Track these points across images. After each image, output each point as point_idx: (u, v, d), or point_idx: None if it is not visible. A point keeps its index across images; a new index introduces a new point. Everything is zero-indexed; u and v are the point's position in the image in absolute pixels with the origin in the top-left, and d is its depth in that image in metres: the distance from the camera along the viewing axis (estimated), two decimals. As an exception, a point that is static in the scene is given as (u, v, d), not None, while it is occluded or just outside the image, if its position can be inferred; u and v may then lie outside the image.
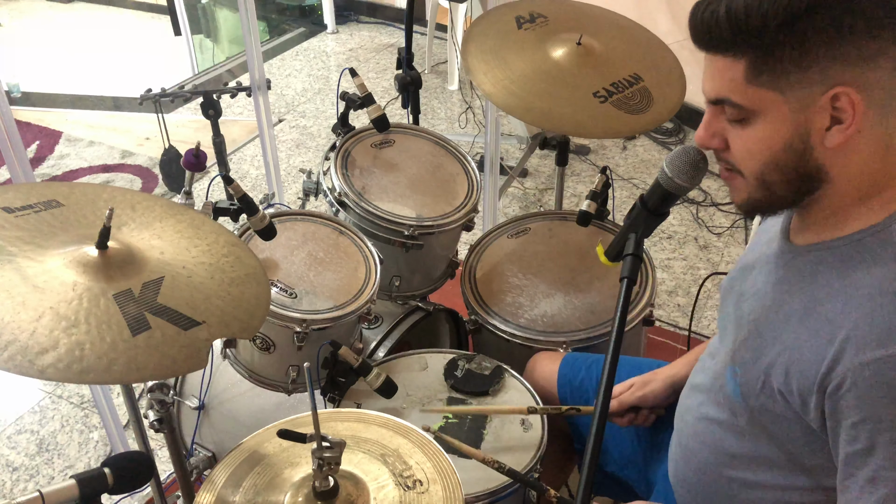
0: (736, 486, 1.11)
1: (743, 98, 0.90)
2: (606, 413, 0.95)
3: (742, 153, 0.95)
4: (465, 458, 1.34)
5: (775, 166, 0.92)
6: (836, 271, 0.93)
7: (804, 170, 0.92)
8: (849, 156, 0.90)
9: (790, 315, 0.97)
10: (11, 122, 1.60)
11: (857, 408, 0.87)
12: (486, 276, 1.84)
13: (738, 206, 1.01)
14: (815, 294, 0.94)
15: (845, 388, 0.88)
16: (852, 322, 0.88)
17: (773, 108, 0.89)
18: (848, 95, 0.85)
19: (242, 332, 1.14)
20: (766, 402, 1.01)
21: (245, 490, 1.07)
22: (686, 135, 3.67)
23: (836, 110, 0.87)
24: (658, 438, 1.42)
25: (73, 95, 4.23)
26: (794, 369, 0.94)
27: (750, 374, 1.02)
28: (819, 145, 0.89)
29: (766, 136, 0.91)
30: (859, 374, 0.86)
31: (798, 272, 0.99)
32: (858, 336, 0.87)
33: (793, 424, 0.98)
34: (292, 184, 3.38)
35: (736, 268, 1.16)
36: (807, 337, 0.93)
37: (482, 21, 1.85)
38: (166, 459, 1.72)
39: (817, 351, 0.91)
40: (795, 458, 1.02)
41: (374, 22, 5.05)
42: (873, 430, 0.86)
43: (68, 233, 1.12)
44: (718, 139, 0.96)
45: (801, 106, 0.88)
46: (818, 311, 0.93)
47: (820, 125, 0.88)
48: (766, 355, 0.99)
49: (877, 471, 0.87)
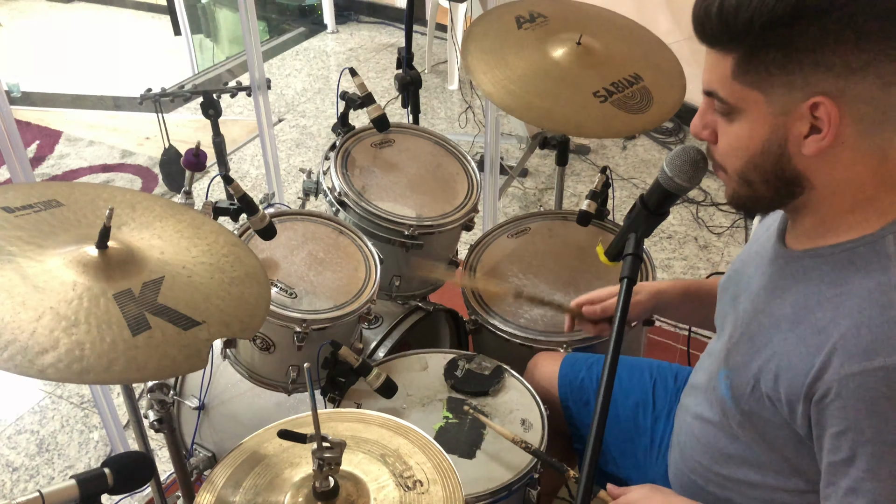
0: (732, 485, 1.12)
1: (729, 93, 0.91)
2: (606, 413, 0.95)
3: (725, 149, 0.96)
4: (467, 459, 1.35)
5: (754, 166, 0.93)
6: (827, 279, 0.93)
7: (782, 174, 0.92)
8: (831, 165, 0.90)
9: (780, 320, 0.97)
10: (11, 122, 1.60)
11: (841, 418, 0.88)
12: (486, 276, 1.84)
13: (728, 201, 1.02)
14: (806, 301, 0.94)
15: (830, 398, 0.88)
16: (840, 332, 0.88)
17: (755, 107, 0.90)
18: (825, 106, 0.85)
19: (242, 332, 1.14)
20: (755, 407, 1.01)
21: (245, 490, 1.07)
22: (686, 135, 3.67)
23: (815, 119, 0.87)
24: (658, 438, 1.42)
25: (73, 95, 4.23)
26: (783, 376, 0.94)
27: (740, 378, 1.02)
28: (797, 152, 0.90)
29: (746, 135, 0.92)
30: (844, 385, 0.86)
31: (790, 277, 0.99)
32: (846, 347, 0.87)
33: (782, 429, 0.99)
34: (292, 184, 3.38)
35: (733, 266, 1.17)
36: (796, 343, 0.93)
37: (482, 21, 1.85)
38: (166, 459, 1.72)
39: (806, 359, 0.91)
40: (788, 460, 1.02)
41: (374, 22, 5.05)
42: (855, 441, 0.87)
43: (68, 233, 1.12)
44: (709, 131, 0.97)
45: (782, 110, 0.88)
46: (808, 318, 0.93)
47: (798, 132, 0.88)
48: (756, 360, 0.99)
49: (857, 481, 0.88)
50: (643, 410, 1.46)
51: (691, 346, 1.95)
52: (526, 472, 1.32)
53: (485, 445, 1.38)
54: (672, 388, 1.47)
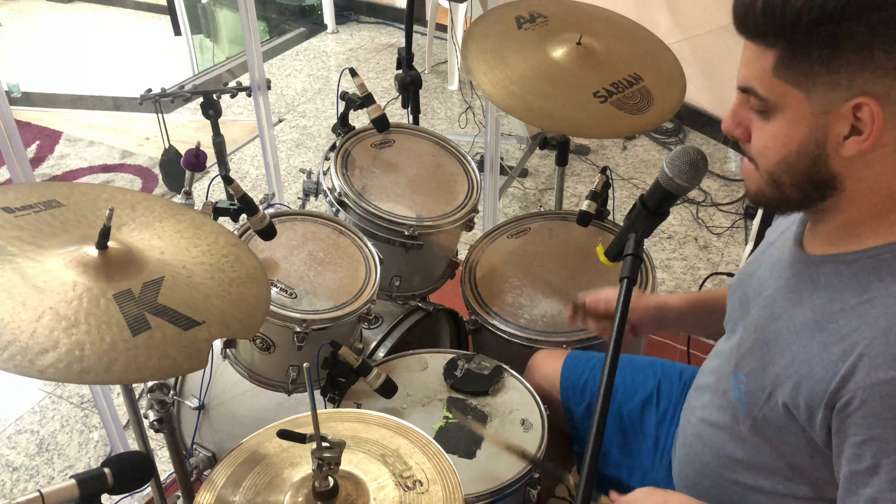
0: (737, 489, 1.11)
1: (768, 90, 0.88)
2: (606, 413, 0.95)
3: (759, 147, 0.93)
4: (467, 459, 1.35)
5: (787, 166, 0.90)
6: (851, 286, 0.91)
7: (816, 175, 0.90)
8: (866, 168, 0.88)
9: (801, 328, 0.95)
10: (11, 122, 1.60)
11: (865, 426, 0.86)
12: (486, 276, 1.84)
13: (749, 197, 0.99)
14: (828, 308, 0.92)
15: (854, 406, 0.86)
16: (867, 340, 0.86)
17: (795, 105, 0.87)
18: (870, 107, 0.83)
19: (242, 332, 1.13)
20: (769, 413, 0.99)
21: (245, 490, 1.07)
22: (686, 135, 3.67)
23: (857, 120, 0.84)
24: (662, 439, 1.41)
25: (73, 95, 4.22)
26: (804, 384, 0.93)
27: (756, 384, 1.01)
28: (834, 153, 0.87)
29: (783, 134, 0.89)
30: (870, 394, 0.85)
31: (810, 283, 0.97)
32: (872, 355, 0.85)
33: (795, 437, 0.97)
34: (292, 184, 3.38)
35: (744, 268, 1.15)
36: (817, 351, 0.92)
37: (482, 21, 1.85)
38: (166, 459, 1.72)
39: (828, 367, 0.89)
40: (797, 468, 1.01)
41: (374, 22, 5.05)
42: (879, 451, 0.85)
43: (68, 233, 1.12)
44: (742, 129, 0.95)
45: (823, 109, 0.86)
46: (831, 326, 0.91)
47: (838, 132, 0.86)
48: (774, 366, 0.98)
49: (880, 491, 0.86)
50: (648, 410, 1.44)
51: (691, 346, 1.96)
52: (526, 471, 1.32)
53: (485, 445, 1.38)
54: (677, 387, 1.45)
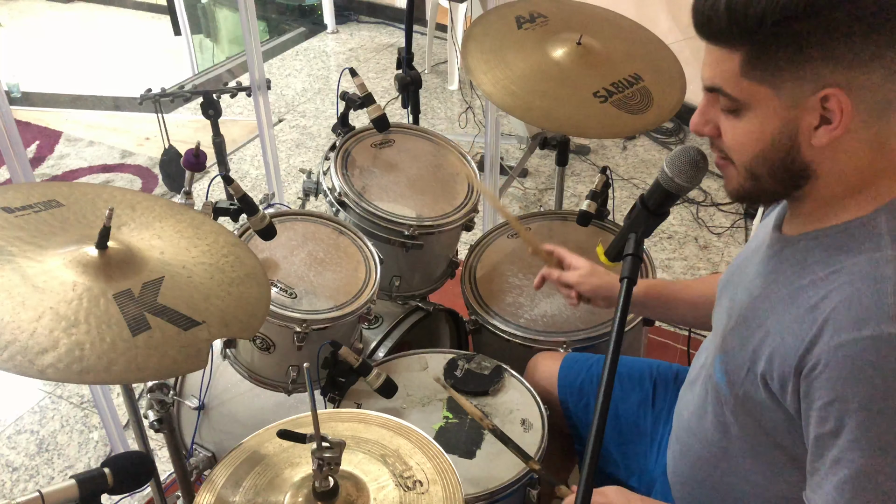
0: (729, 479, 1.12)
1: (736, 90, 0.91)
2: (606, 413, 0.95)
3: (732, 144, 0.96)
4: (467, 459, 1.35)
5: (763, 160, 0.93)
6: (821, 259, 0.94)
7: (791, 165, 0.92)
8: (836, 154, 0.91)
9: (776, 303, 0.98)
10: (11, 122, 1.60)
11: (829, 389, 0.87)
12: (486, 276, 1.84)
13: (729, 194, 1.02)
14: (801, 282, 0.95)
15: (819, 370, 0.88)
16: (832, 306, 0.88)
17: (765, 102, 0.90)
18: (837, 97, 0.86)
19: (242, 332, 1.14)
20: (749, 389, 1.01)
21: (245, 490, 1.07)
22: (686, 135, 3.67)
23: (825, 110, 0.87)
24: (658, 438, 1.42)
25: (73, 95, 4.22)
26: (777, 354, 0.95)
27: (736, 361, 1.03)
28: (806, 143, 0.90)
29: (755, 130, 0.92)
30: (833, 356, 0.86)
31: (786, 261, 0.99)
32: (836, 319, 0.87)
33: (775, 412, 0.99)
34: (292, 184, 3.38)
35: (731, 266, 1.17)
36: (790, 322, 0.94)
37: (482, 21, 1.85)
38: (166, 459, 1.72)
39: (798, 335, 0.91)
40: (784, 448, 1.02)
41: (374, 22, 5.05)
42: (841, 411, 0.87)
43: (68, 233, 1.12)
44: (711, 126, 0.97)
45: (792, 103, 0.88)
46: (802, 298, 0.93)
47: (808, 124, 0.89)
48: (751, 341, 1.00)
49: (842, 451, 0.88)
50: (644, 411, 1.46)
51: (691, 346, 1.96)
52: (526, 471, 1.32)
53: (485, 445, 1.38)
54: (672, 388, 1.46)
